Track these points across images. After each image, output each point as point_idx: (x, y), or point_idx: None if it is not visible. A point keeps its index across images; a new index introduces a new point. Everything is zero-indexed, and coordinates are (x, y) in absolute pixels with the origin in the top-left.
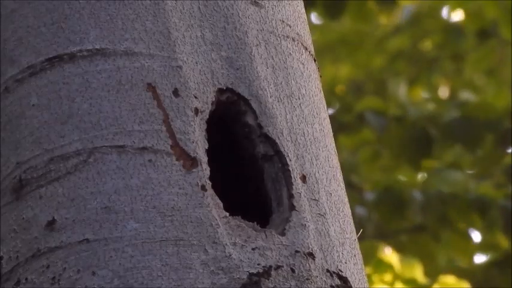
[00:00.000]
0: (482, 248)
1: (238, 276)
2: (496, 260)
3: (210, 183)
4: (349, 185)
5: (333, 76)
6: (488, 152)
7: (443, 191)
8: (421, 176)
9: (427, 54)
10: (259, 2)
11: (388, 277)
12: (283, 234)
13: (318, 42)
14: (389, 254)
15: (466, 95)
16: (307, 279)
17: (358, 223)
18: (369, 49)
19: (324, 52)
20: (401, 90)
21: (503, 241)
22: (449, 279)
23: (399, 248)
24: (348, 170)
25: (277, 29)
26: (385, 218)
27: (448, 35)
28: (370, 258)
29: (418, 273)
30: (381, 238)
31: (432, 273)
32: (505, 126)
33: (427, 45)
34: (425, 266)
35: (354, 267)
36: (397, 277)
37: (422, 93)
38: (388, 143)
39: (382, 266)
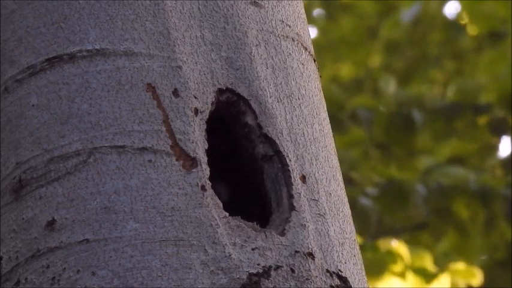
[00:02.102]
0: (485, 246)
1: (238, 276)
2: (499, 260)
3: (210, 184)
4: (350, 182)
5: (334, 75)
6: (484, 141)
7: (444, 183)
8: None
9: (427, 52)
10: (259, 2)
11: (398, 267)
12: (283, 234)
13: (319, 41)
14: (396, 246)
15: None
16: (306, 279)
17: (362, 215)
18: (368, 47)
19: (325, 51)
20: (391, 87)
21: (507, 232)
22: (460, 265)
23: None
24: (348, 166)
25: (277, 29)
26: (388, 210)
27: (449, 33)
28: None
29: (427, 263)
30: (383, 236)
31: (441, 263)
32: (498, 114)
33: (428, 42)
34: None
35: (353, 267)
36: (407, 267)
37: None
38: (377, 136)
39: (392, 257)
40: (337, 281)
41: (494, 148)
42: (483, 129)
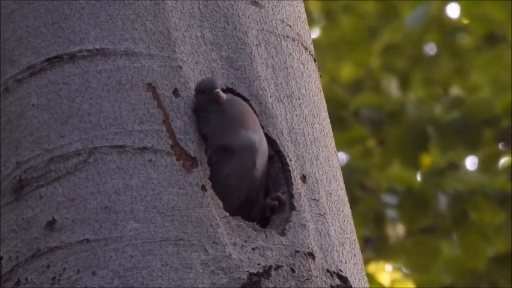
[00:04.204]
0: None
1: (238, 276)
2: (497, 256)
3: (210, 183)
4: (363, 189)
5: (335, 75)
6: (488, 150)
7: (460, 189)
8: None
9: (426, 53)
10: (259, 2)
11: None
12: (283, 234)
13: (320, 40)
14: (388, 272)
15: (456, 91)
16: (307, 279)
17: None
18: (369, 47)
19: (327, 51)
20: (393, 86)
21: None
22: None
23: (402, 252)
24: (360, 173)
25: (277, 29)
26: (409, 219)
27: (447, 33)
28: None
29: None
30: (386, 242)
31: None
32: (504, 125)
33: (427, 42)
34: (427, 266)
35: (354, 267)
36: None
37: (418, 90)
38: (382, 140)
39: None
40: (337, 281)
41: (498, 156)
42: (489, 139)
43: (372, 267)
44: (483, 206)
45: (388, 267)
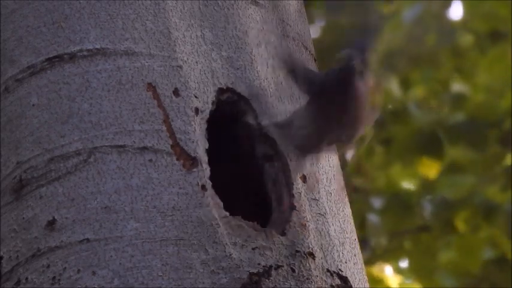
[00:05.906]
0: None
1: (238, 276)
2: (496, 258)
3: (210, 183)
4: (355, 190)
5: None
6: (491, 152)
7: (448, 196)
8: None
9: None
10: (260, 1)
11: None
12: (283, 234)
13: (320, 40)
14: (389, 276)
15: (458, 87)
16: (307, 279)
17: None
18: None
19: (327, 51)
20: (393, 84)
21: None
22: None
23: (401, 253)
24: (353, 172)
25: (278, 29)
26: (392, 224)
27: (448, 32)
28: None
29: None
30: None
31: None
32: (506, 126)
33: (427, 42)
34: (426, 266)
35: (354, 267)
36: None
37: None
38: (385, 139)
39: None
40: (337, 281)
41: (500, 158)
42: (492, 141)
43: (375, 270)
44: (468, 217)
45: (389, 269)
